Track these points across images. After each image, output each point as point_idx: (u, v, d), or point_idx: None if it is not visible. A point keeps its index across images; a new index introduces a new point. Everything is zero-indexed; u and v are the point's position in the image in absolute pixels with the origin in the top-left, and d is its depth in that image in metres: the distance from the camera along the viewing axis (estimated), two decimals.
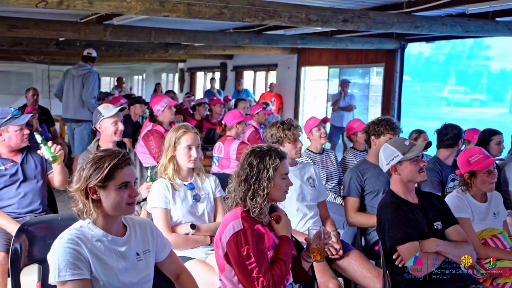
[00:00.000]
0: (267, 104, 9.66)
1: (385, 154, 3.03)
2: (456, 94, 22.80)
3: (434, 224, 2.94)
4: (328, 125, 9.21)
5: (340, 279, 3.36)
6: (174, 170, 3.16)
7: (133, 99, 8.11)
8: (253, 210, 2.45)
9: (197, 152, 3.20)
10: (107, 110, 4.04)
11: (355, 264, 3.38)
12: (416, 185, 3.05)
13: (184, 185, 3.19)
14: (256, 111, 7.06)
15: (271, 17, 5.18)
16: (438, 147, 4.47)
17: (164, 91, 14.27)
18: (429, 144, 3.01)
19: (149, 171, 3.70)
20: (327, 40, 9.29)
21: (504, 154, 5.06)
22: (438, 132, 4.47)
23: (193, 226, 3.09)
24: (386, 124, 3.96)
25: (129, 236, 2.25)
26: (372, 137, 4.03)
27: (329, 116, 10.96)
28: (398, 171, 2.96)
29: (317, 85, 13.18)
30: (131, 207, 2.19)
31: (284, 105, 12.92)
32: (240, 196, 2.46)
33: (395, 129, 3.96)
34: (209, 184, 3.30)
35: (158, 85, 15.32)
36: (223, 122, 5.53)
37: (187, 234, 3.09)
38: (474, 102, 22.42)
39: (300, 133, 3.72)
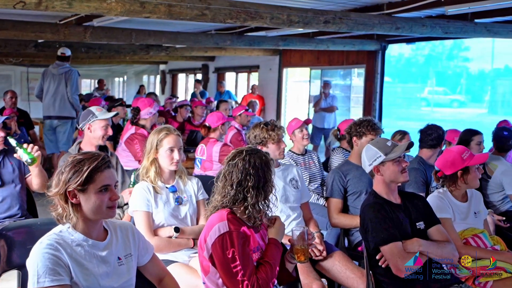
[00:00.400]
0: (251, 103, 9.69)
1: (368, 155, 3.03)
2: (436, 95, 23.01)
3: (417, 224, 2.95)
4: (310, 126, 9.22)
5: (323, 280, 3.36)
6: (156, 172, 3.13)
7: (114, 102, 8.03)
8: (263, 211, 2.45)
9: (179, 155, 3.17)
10: (101, 112, 3.98)
11: (338, 265, 3.38)
12: (399, 184, 3.06)
13: (166, 187, 3.16)
14: (239, 113, 7.05)
15: (252, 18, 5.16)
16: (421, 147, 4.50)
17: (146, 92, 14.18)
18: (411, 145, 3.02)
19: (132, 176, 3.66)
20: (309, 42, 9.32)
21: None
22: (422, 132, 4.50)
23: (176, 229, 3.06)
24: (368, 125, 3.98)
25: (110, 240, 2.22)
26: (354, 138, 4.04)
27: (311, 117, 10.99)
28: (380, 171, 2.96)
29: (299, 87, 13.22)
30: (112, 211, 2.16)
31: (266, 107, 12.93)
32: (252, 203, 2.40)
33: (376, 129, 3.98)
34: (192, 187, 3.27)
35: (142, 87, 15.23)
36: (206, 124, 5.49)
37: (170, 237, 3.06)
38: (453, 102, 22.64)
39: (283, 134, 3.72)
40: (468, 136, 4.76)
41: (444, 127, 4.93)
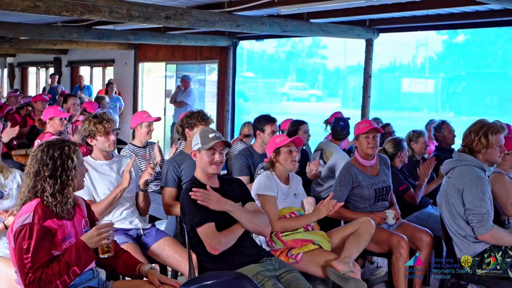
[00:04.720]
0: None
1: (193, 140, 3.25)
2: (296, 90, 24.16)
3: None
4: None
5: (153, 265, 3.51)
6: None
7: None
8: (64, 201, 2.46)
9: None
10: None
11: (168, 250, 3.55)
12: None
13: None
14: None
15: (90, 11, 5.10)
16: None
17: None
18: (227, 144, 3.24)
19: None
20: (160, 36, 9.32)
21: (313, 143, 5.67)
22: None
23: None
24: (198, 116, 4.21)
25: None
26: (186, 130, 4.25)
27: (167, 112, 11.09)
28: (197, 157, 3.19)
29: (156, 81, 13.18)
30: None
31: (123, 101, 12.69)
32: (50, 192, 2.43)
33: (206, 120, 4.23)
34: (15, 180, 3.23)
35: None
36: (42, 118, 5.36)
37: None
38: (311, 97, 23.98)
39: (113, 126, 3.78)
40: (296, 126, 5.23)
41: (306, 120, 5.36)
